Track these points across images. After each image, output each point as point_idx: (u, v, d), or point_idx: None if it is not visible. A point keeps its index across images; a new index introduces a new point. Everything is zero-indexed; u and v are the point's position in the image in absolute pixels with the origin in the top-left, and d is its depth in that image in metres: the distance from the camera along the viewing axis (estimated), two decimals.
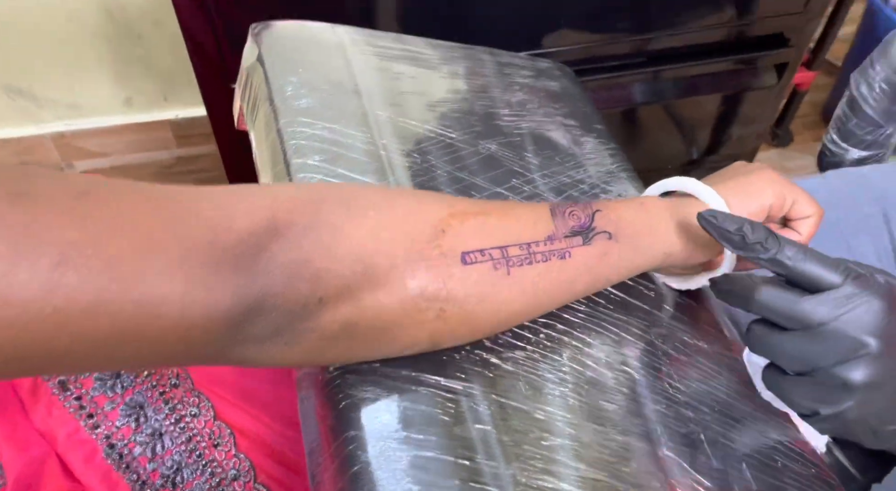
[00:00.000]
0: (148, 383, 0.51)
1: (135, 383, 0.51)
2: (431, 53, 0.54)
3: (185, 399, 0.51)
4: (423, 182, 0.44)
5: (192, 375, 0.52)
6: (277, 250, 0.30)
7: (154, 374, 0.51)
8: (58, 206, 0.26)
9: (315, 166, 0.42)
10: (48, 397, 0.50)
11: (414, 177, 0.44)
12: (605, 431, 0.36)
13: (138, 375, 0.51)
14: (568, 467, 0.33)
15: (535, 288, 0.36)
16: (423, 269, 0.33)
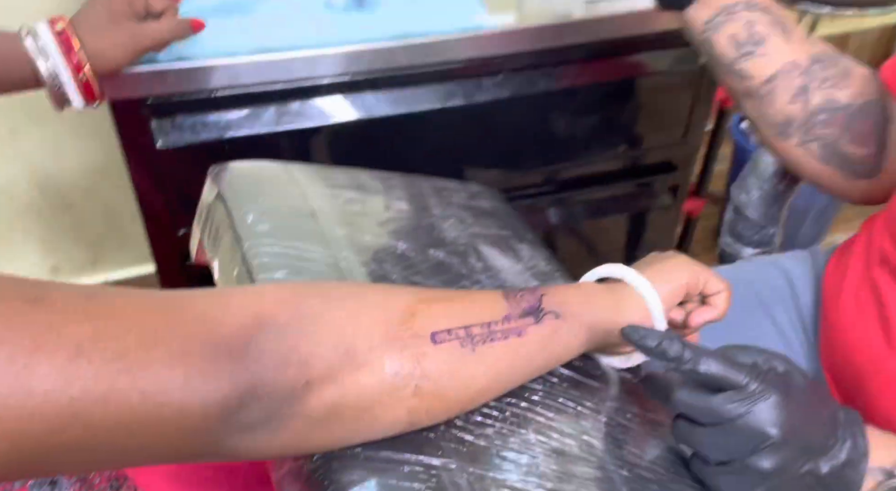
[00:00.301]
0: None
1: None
2: (375, 182, 0.60)
3: None
4: None
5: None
6: (266, 340, 0.33)
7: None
8: (71, 305, 0.28)
9: (281, 280, 0.46)
10: None
11: (374, 283, 0.48)
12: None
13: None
14: None
15: (498, 364, 0.40)
16: (399, 349, 0.36)
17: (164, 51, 0.68)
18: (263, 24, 0.75)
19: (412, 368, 0.36)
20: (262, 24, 0.75)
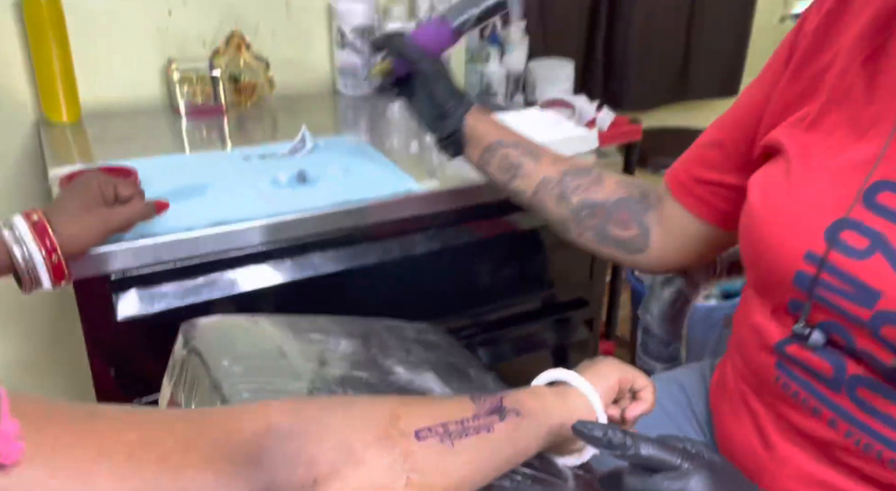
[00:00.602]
0: None
1: None
2: (334, 325, 0.68)
3: None
4: None
5: None
6: (277, 445, 0.39)
7: None
8: (121, 417, 0.34)
9: None
10: None
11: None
12: None
13: None
14: None
15: (474, 456, 0.46)
16: (390, 446, 0.42)
17: (130, 230, 0.75)
18: (218, 202, 0.85)
19: (402, 462, 0.42)
20: (216, 202, 0.84)
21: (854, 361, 0.53)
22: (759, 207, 0.58)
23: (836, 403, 0.55)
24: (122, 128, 1.10)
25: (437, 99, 0.79)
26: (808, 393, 0.57)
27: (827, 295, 0.53)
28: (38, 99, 1.10)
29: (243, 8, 1.20)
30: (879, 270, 0.50)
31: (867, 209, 0.52)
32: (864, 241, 0.51)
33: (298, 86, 1.29)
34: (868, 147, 0.53)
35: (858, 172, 0.53)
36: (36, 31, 1.03)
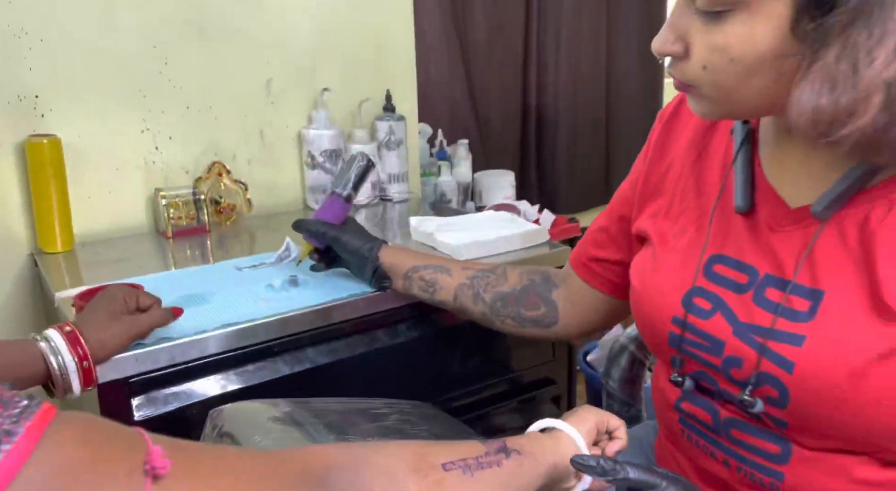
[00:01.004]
0: None
1: None
2: (342, 404, 0.77)
3: None
4: None
5: None
6: (337, 478, 0.48)
7: None
8: (229, 451, 0.43)
9: None
10: None
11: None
12: None
13: None
14: None
15: (489, 486, 0.56)
16: (423, 476, 0.52)
17: (148, 336, 0.83)
18: (222, 307, 0.94)
19: (435, 488, 0.51)
20: (220, 307, 0.94)
21: (723, 406, 0.67)
22: (637, 285, 0.73)
23: (722, 444, 0.67)
24: (113, 252, 1.19)
25: (352, 251, 0.95)
26: (704, 440, 0.69)
27: (691, 349, 0.67)
28: (33, 232, 1.19)
29: (223, 139, 1.34)
30: (721, 325, 0.64)
31: (707, 279, 0.67)
32: (708, 304, 0.66)
33: (273, 205, 1.42)
34: (702, 230, 0.69)
35: (698, 250, 0.68)
36: (37, 171, 1.14)
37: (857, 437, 0.58)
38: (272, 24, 1.35)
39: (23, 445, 0.34)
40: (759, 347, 0.60)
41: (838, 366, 0.56)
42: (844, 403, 0.56)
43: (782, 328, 0.59)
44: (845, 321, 0.57)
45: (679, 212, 0.72)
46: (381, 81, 1.49)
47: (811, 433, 0.60)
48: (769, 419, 0.62)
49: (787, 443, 0.62)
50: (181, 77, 1.28)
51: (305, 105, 1.41)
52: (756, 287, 0.63)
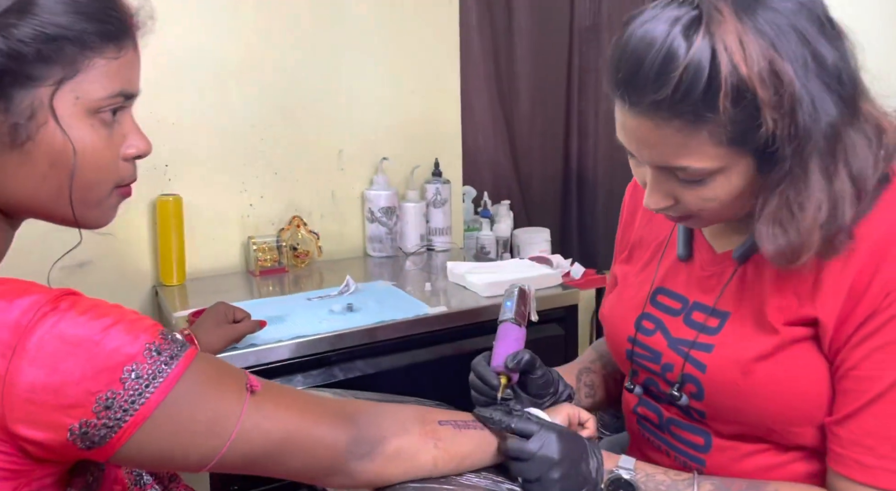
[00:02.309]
0: None
1: None
2: (380, 396, 1.03)
3: None
4: None
5: None
6: (364, 417, 0.73)
7: None
8: (298, 391, 0.70)
9: None
10: None
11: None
12: None
13: None
14: None
15: (473, 440, 0.79)
16: (424, 425, 0.76)
17: (241, 341, 1.13)
18: (295, 325, 1.23)
19: (433, 434, 0.76)
20: (294, 325, 1.23)
21: (666, 408, 0.87)
22: (606, 314, 0.96)
23: (665, 438, 0.88)
24: (214, 285, 1.52)
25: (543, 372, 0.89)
26: (653, 436, 0.90)
27: (640, 360, 0.89)
28: (156, 269, 1.53)
29: (302, 198, 1.67)
30: (660, 340, 0.86)
31: (652, 306, 0.89)
32: (652, 325, 0.88)
33: (339, 251, 1.73)
34: (651, 271, 0.92)
35: (647, 286, 0.91)
36: (163, 222, 1.49)
37: (752, 421, 0.78)
38: (345, 108, 1.69)
39: (178, 369, 0.61)
40: (684, 354, 0.82)
41: (733, 365, 0.77)
42: (740, 394, 0.77)
43: (700, 340, 0.81)
44: (739, 333, 0.79)
45: (638, 258, 0.97)
46: (431, 151, 1.80)
47: (722, 420, 0.81)
48: (694, 412, 0.83)
49: (709, 435, 0.83)
50: (272, 150, 1.63)
51: (368, 171, 1.74)
52: (686, 311, 0.85)
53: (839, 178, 0.67)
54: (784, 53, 0.63)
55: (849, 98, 0.66)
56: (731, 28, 0.63)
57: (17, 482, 0.56)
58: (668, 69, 0.64)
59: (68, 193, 0.62)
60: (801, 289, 0.74)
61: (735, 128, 0.65)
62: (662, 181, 0.74)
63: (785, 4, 0.64)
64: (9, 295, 0.55)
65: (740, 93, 0.63)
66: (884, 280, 0.68)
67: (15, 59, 0.56)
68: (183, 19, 1.49)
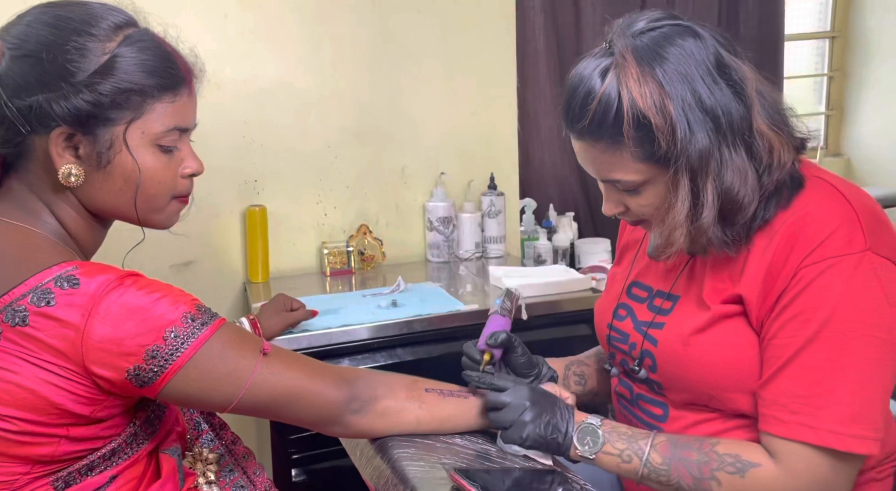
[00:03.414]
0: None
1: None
2: None
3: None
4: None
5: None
6: (360, 380, 0.92)
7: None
8: (304, 356, 0.91)
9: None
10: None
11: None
12: None
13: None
14: None
15: (456, 407, 0.96)
16: (411, 390, 0.94)
17: (297, 327, 1.36)
18: (345, 316, 1.45)
19: (417, 399, 0.93)
20: (345, 315, 1.45)
21: (636, 386, 0.99)
22: (595, 307, 1.10)
23: (634, 412, 1.00)
24: (292, 283, 1.77)
25: (524, 351, 1.04)
26: (626, 411, 1.03)
27: (616, 344, 1.02)
28: (245, 268, 1.81)
29: (369, 209, 1.90)
30: (628, 324, 1.00)
31: (627, 296, 1.03)
32: (624, 312, 1.02)
33: (401, 256, 1.94)
34: (628, 267, 1.06)
35: (623, 280, 1.05)
36: (251, 229, 1.77)
37: (695, 388, 0.90)
38: (409, 128, 1.91)
39: (207, 333, 0.82)
40: (643, 333, 0.96)
41: (677, 338, 0.90)
42: (682, 363, 0.90)
43: (657, 321, 0.95)
44: (683, 312, 0.92)
45: (625, 260, 1.10)
46: (487, 166, 1.97)
47: (674, 389, 0.93)
48: (654, 385, 0.96)
49: (666, 406, 0.95)
50: (344, 166, 1.87)
51: (429, 184, 1.94)
52: (650, 298, 0.99)
53: (705, 190, 0.81)
54: (669, 93, 0.79)
55: (726, 127, 0.80)
56: (632, 72, 0.80)
57: (94, 407, 0.79)
58: (587, 103, 0.82)
59: (135, 202, 0.85)
60: (733, 272, 0.87)
61: (642, 148, 0.82)
62: (610, 191, 0.91)
63: (676, 55, 0.80)
64: (91, 273, 0.78)
65: (639, 121, 0.80)
66: (794, 261, 0.80)
67: (97, 107, 0.79)
68: (270, 58, 1.77)
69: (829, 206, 0.82)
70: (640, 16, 0.85)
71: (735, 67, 0.82)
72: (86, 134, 0.80)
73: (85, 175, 0.82)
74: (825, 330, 0.78)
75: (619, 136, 0.81)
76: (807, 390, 0.79)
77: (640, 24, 0.83)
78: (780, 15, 2.63)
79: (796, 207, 0.84)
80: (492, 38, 1.97)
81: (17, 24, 0.80)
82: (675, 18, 0.84)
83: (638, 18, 0.84)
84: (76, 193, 0.83)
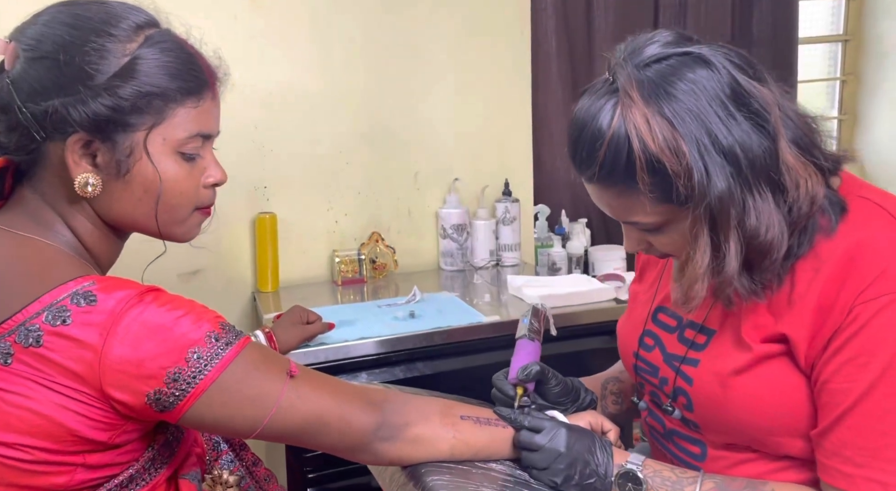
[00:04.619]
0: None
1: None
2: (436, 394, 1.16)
3: None
4: None
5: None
6: (389, 405, 0.86)
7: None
8: (330, 377, 0.85)
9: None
10: None
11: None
12: None
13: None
14: None
15: (490, 434, 0.90)
16: (445, 417, 0.88)
17: (313, 340, 1.30)
18: (362, 328, 1.40)
19: (452, 427, 0.88)
20: (361, 328, 1.40)
21: (667, 419, 0.93)
22: (618, 331, 1.04)
23: (669, 447, 0.95)
24: (302, 292, 1.72)
25: (561, 380, 1.01)
26: (660, 445, 0.97)
27: (644, 375, 0.96)
28: (255, 278, 1.76)
29: (381, 215, 1.85)
30: (657, 355, 0.94)
31: (653, 323, 0.97)
32: (651, 341, 0.96)
33: (414, 264, 1.89)
34: (654, 288, 1.00)
35: (649, 304, 0.99)
36: (261, 237, 1.72)
37: (737, 431, 0.84)
38: (422, 133, 1.86)
39: (231, 353, 0.77)
40: (676, 369, 0.90)
41: (714, 378, 0.84)
42: (722, 406, 0.83)
43: (689, 356, 0.89)
44: (720, 349, 0.85)
45: (646, 278, 1.05)
46: (502, 172, 1.93)
47: (712, 431, 0.87)
48: (690, 423, 0.90)
49: (704, 445, 0.90)
50: (355, 172, 1.82)
51: (442, 190, 1.89)
52: (679, 328, 0.93)
53: (727, 240, 0.75)
54: (682, 134, 0.72)
55: (748, 169, 0.73)
56: (640, 112, 0.73)
57: (111, 433, 0.74)
58: (594, 149, 0.76)
59: (156, 213, 0.80)
60: (775, 306, 0.80)
61: (659, 191, 0.75)
62: (630, 230, 0.85)
63: (685, 90, 0.73)
64: (109, 289, 0.73)
65: (653, 165, 0.73)
66: (848, 297, 0.73)
67: (117, 112, 0.75)
68: (280, 60, 1.72)
69: (882, 235, 0.75)
70: (645, 41, 0.77)
71: (756, 94, 0.74)
72: (104, 141, 0.75)
73: (102, 184, 0.77)
74: (887, 375, 0.72)
75: (632, 182, 0.75)
76: (872, 442, 0.73)
77: (645, 53, 0.75)
78: (794, 19, 2.59)
79: (843, 235, 0.76)
80: (506, 41, 1.92)
81: (32, 25, 0.75)
82: (684, 43, 0.76)
83: (643, 45, 0.76)
84: (92, 204, 0.79)
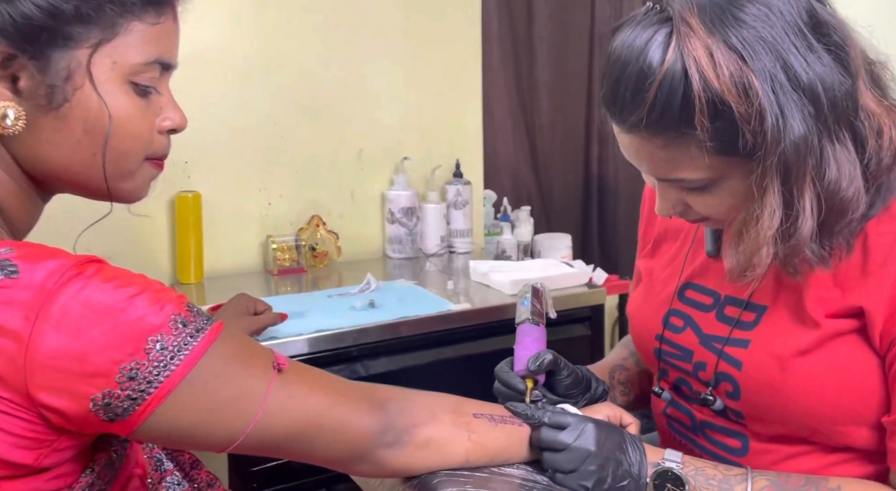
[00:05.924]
0: None
1: None
2: None
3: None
4: None
5: None
6: (394, 405, 0.69)
7: None
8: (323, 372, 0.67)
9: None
10: None
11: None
12: None
13: None
14: None
15: (507, 434, 0.75)
16: (458, 416, 0.72)
17: (261, 334, 1.10)
18: (316, 320, 1.20)
19: (466, 427, 0.72)
20: (314, 320, 1.20)
21: (698, 410, 0.82)
22: (632, 312, 0.92)
23: (699, 442, 0.83)
24: (232, 284, 1.49)
25: (572, 370, 0.85)
26: (685, 439, 0.85)
27: (670, 359, 0.84)
28: (174, 267, 1.51)
29: (321, 198, 1.65)
30: (690, 337, 0.82)
31: (681, 301, 0.85)
32: (681, 321, 0.84)
33: (358, 252, 1.70)
34: (678, 266, 0.88)
35: (675, 278, 0.87)
36: (182, 220, 1.47)
37: (794, 421, 0.73)
38: (366, 107, 1.68)
39: (204, 342, 0.58)
40: (718, 351, 0.78)
41: (772, 361, 0.73)
42: (779, 392, 0.72)
43: (735, 336, 0.77)
44: (777, 327, 0.74)
45: (664, 252, 0.92)
46: (453, 152, 1.78)
47: (761, 421, 0.76)
48: (730, 413, 0.78)
49: (746, 437, 0.78)
50: (292, 148, 1.61)
51: (388, 171, 1.72)
52: (718, 306, 0.81)
53: (803, 196, 0.64)
54: (753, 68, 0.60)
55: (829, 111, 0.62)
56: (700, 43, 0.61)
57: (38, 452, 0.53)
58: (642, 89, 0.63)
59: (101, 162, 0.60)
60: (844, 278, 0.70)
61: (719, 140, 0.63)
62: (668, 190, 0.72)
63: (757, 16, 0.61)
64: (35, 257, 0.52)
65: (716, 107, 0.61)
66: None
67: (54, 17, 0.55)
68: (206, 13, 1.48)
69: None
70: None
71: (834, 23, 0.64)
72: (32, 57, 0.56)
73: (26, 119, 0.57)
74: None
75: (687, 129, 0.63)
76: None
77: None
78: None
79: None
80: (457, 16, 1.78)
81: None
82: None
83: None
84: (9, 145, 0.59)
